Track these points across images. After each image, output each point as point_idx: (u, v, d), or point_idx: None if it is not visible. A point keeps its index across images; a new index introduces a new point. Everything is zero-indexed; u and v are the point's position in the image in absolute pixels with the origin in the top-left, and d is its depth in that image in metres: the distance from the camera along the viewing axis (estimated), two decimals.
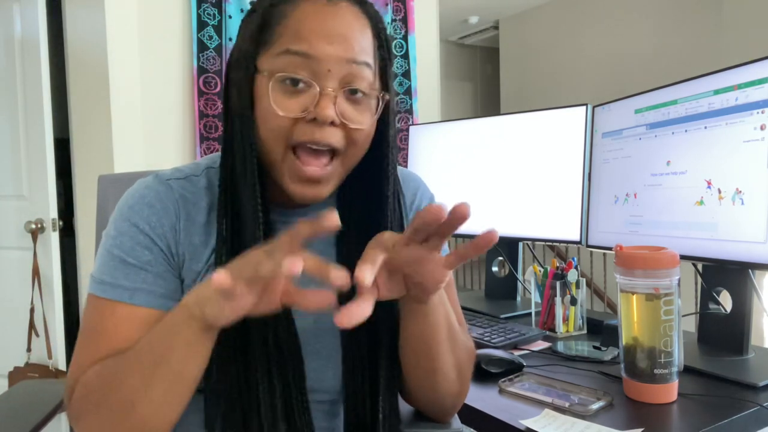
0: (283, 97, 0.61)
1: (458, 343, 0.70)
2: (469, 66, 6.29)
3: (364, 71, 0.63)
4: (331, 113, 0.60)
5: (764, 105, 0.93)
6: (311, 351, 0.68)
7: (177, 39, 2.23)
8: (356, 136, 0.63)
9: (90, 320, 0.65)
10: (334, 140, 0.62)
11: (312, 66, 0.60)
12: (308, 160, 0.62)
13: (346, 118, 0.62)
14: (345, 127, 0.62)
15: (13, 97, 2.30)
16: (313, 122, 0.61)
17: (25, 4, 2.25)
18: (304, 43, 0.60)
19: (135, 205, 0.67)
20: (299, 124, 0.61)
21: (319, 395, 0.69)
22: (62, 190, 2.46)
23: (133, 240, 0.65)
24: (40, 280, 2.25)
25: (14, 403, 0.99)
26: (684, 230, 1.06)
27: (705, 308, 1.08)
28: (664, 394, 0.85)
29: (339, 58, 0.61)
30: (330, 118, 0.60)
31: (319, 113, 0.60)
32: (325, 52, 0.60)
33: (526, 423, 0.79)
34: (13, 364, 2.29)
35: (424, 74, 2.80)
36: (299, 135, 0.61)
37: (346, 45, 0.61)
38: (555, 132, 1.37)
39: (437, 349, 0.67)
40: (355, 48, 0.62)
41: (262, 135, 0.63)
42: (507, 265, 1.56)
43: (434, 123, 1.72)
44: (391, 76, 0.69)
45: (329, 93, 0.60)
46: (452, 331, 0.69)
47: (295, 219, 0.71)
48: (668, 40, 4.14)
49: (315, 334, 0.69)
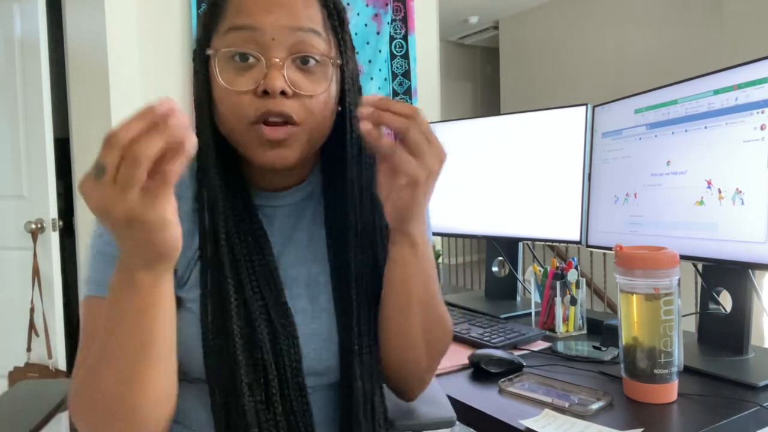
0: (235, 75, 0.62)
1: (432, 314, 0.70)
2: (469, 66, 6.29)
3: (313, 39, 0.62)
4: (280, 83, 0.60)
5: (764, 105, 0.93)
6: (308, 332, 0.67)
7: (177, 39, 2.23)
8: (311, 105, 0.63)
9: (86, 321, 0.64)
10: (289, 110, 0.61)
11: (256, 38, 0.61)
12: (269, 130, 0.62)
13: (298, 87, 0.62)
14: (299, 96, 0.62)
15: (13, 97, 2.30)
16: (265, 95, 0.60)
17: (25, 4, 2.25)
18: (246, 17, 0.61)
19: None
20: (253, 98, 0.61)
21: (319, 378, 0.68)
22: (62, 190, 2.46)
23: None
24: (40, 280, 2.25)
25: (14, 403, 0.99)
26: (684, 230, 1.06)
27: (705, 308, 1.08)
28: (664, 394, 0.85)
29: (282, 26, 0.61)
30: (279, 88, 0.60)
31: (268, 84, 0.60)
32: (267, 21, 0.60)
33: (526, 423, 0.79)
34: (13, 364, 2.29)
35: (424, 74, 2.80)
36: (254, 109, 0.61)
37: (288, 13, 0.61)
38: (555, 132, 1.37)
39: (409, 308, 0.68)
40: (298, 15, 0.62)
41: (222, 116, 0.64)
42: (507, 265, 1.56)
43: (434, 123, 1.72)
44: (349, 47, 0.68)
45: (276, 63, 0.60)
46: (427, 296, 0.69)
47: (278, 202, 0.72)
48: (668, 40, 4.14)
49: (312, 315, 0.68)
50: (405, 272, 0.67)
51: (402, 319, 0.69)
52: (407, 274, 0.67)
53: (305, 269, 0.70)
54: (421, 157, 0.59)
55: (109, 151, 0.45)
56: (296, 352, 0.65)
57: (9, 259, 2.35)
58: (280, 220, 0.72)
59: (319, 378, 0.68)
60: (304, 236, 0.72)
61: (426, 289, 0.69)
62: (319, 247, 0.71)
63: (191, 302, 0.65)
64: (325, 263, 0.70)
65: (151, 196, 0.46)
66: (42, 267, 2.25)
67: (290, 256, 0.70)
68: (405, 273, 0.67)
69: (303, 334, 0.66)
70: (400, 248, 0.66)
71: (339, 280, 0.69)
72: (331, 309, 0.68)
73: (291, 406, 0.63)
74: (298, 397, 0.64)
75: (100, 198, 0.45)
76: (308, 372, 0.66)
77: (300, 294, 0.68)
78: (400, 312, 0.68)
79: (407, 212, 0.63)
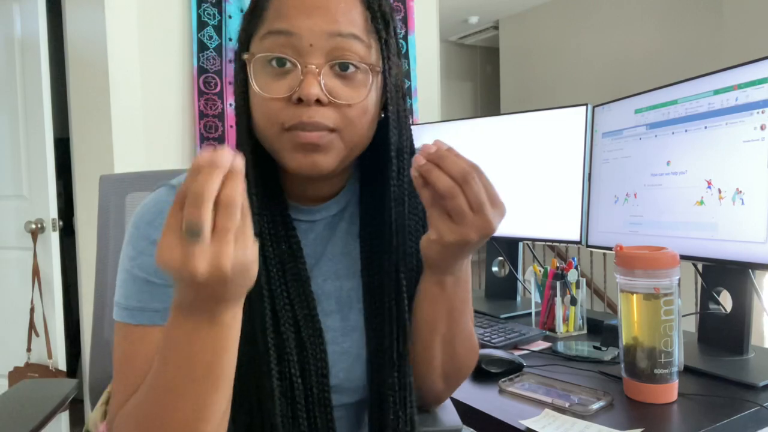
0: (270, 80, 0.59)
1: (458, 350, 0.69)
2: (469, 66, 6.29)
3: (353, 44, 0.59)
4: (315, 91, 0.56)
5: (764, 105, 0.93)
6: (339, 350, 0.66)
7: (177, 39, 2.23)
8: (350, 113, 0.59)
9: (123, 350, 0.60)
10: (324, 120, 0.58)
11: (294, 43, 0.58)
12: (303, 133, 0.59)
13: (335, 95, 0.58)
14: (337, 105, 0.58)
15: (13, 97, 2.30)
16: (300, 103, 0.57)
17: (25, 4, 2.25)
18: (284, 21, 0.58)
19: (153, 220, 0.62)
20: (288, 105, 0.58)
21: (347, 396, 0.67)
22: (62, 190, 2.46)
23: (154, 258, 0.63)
24: (40, 280, 2.25)
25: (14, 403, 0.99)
26: (684, 230, 1.06)
27: (705, 308, 1.08)
28: (664, 394, 0.85)
29: (321, 31, 0.57)
30: (314, 96, 0.56)
31: (303, 91, 0.56)
32: (305, 26, 0.57)
33: (526, 423, 0.79)
34: (13, 364, 2.29)
35: (424, 74, 2.80)
36: (289, 118, 0.58)
37: (328, 17, 0.58)
38: (555, 132, 1.37)
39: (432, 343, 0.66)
40: (338, 20, 0.58)
41: (256, 122, 0.61)
42: (507, 265, 1.56)
43: (434, 123, 1.72)
44: (393, 50, 0.64)
45: (312, 70, 0.57)
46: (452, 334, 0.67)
47: (313, 216, 0.69)
48: (668, 40, 4.14)
49: (343, 333, 0.67)
50: (431, 308, 0.65)
51: (423, 350, 0.67)
52: (433, 311, 0.65)
53: (338, 284, 0.68)
54: (459, 223, 0.56)
55: (197, 208, 0.41)
56: (324, 367, 0.63)
57: (9, 259, 2.35)
58: (315, 233, 0.69)
59: (346, 395, 0.67)
60: (338, 250, 0.69)
61: (451, 327, 0.66)
62: (353, 261, 0.69)
63: None
64: (358, 279, 0.68)
65: (242, 237, 0.44)
66: (42, 267, 2.25)
67: (323, 270, 0.68)
68: (431, 308, 0.65)
69: (333, 352, 0.65)
70: (428, 283, 0.64)
71: (372, 297, 0.67)
72: (362, 327, 0.67)
73: (315, 422, 0.62)
74: (323, 413, 0.62)
75: (200, 260, 0.42)
76: (336, 390, 0.65)
77: (332, 310, 0.67)
78: (423, 345, 0.67)
79: (433, 261, 0.61)
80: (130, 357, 0.60)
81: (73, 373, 2.68)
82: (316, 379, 0.62)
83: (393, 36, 0.64)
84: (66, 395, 1.01)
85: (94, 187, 1.10)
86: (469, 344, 0.70)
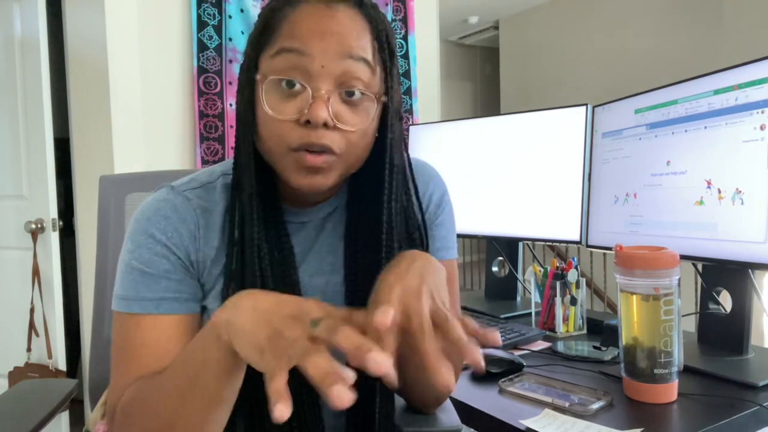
0: (280, 100, 0.61)
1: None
2: (469, 66, 6.29)
3: (361, 69, 0.62)
4: (324, 115, 0.59)
5: (764, 105, 0.93)
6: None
7: (177, 39, 2.23)
8: (352, 138, 0.63)
9: (120, 338, 0.65)
10: (329, 142, 0.61)
11: (305, 64, 0.60)
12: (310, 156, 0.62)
13: (341, 120, 0.61)
14: (340, 129, 0.62)
15: (13, 97, 2.29)
16: (307, 125, 0.60)
17: (25, 4, 2.25)
18: (297, 41, 0.60)
19: (152, 217, 0.67)
20: (295, 127, 0.61)
21: None
22: (62, 190, 2.46)
23: (151, 251, 0.65)
24: (40, 280, 2.25)
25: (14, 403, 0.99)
26: (684, 230, 1.06)
27: (705, 308, 1.08)
28: (664, 394, 0.85)
29: (333, 53, 0.60)
30: (322, 120, 0.59)
31: (312, 115, 0.59)
32: (318, 47, 0.60)
33: (526, 423, 0.79)
34: (13, 364, 2.29)
35: (424, 74, 2.80)
36: (296, 138, 0.61)
37: (340, 40, 0.60)
38: (555, 132, 1.37)
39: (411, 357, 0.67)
40: (350, 44, 0.61)
41: (263, 139, 0.64)
42: (507, 265, 1.56)
43: (434, 123, 1.72)
44: (396, 80, 0.67)
45: (322, 95, 0.60)
46: None
47: (304, 218, 0.72)
48: (668, 40, 4.14)
49: None
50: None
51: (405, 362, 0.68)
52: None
53: (324, 279, 0.71)
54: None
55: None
56: None
57: (9, 259, 2.35)
58: (305, 232, 0.73)
59: None
60: (324, 248, 0.73)
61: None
62: (338, 258, 0.72)
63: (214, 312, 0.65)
64: (342, 275, 0.71)
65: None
66: (42, 267, 2.25)
67: (310, 266, 0.71)
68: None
69: None
70: None
71: (354, 294, 0.69)
72: None
73: (304, 418, 0.64)
74: (312, 409, 0.65)
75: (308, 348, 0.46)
76: None
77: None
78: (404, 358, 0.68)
79: None
80: (126, 345, 0.64)
81: (73, 373, 2.68)
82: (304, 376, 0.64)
83: (396, 67, 0.68)
84: (66, 395, 1.01)
85: (94, 187, 1.10)
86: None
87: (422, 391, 0.74)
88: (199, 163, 2.25)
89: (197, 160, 2.25)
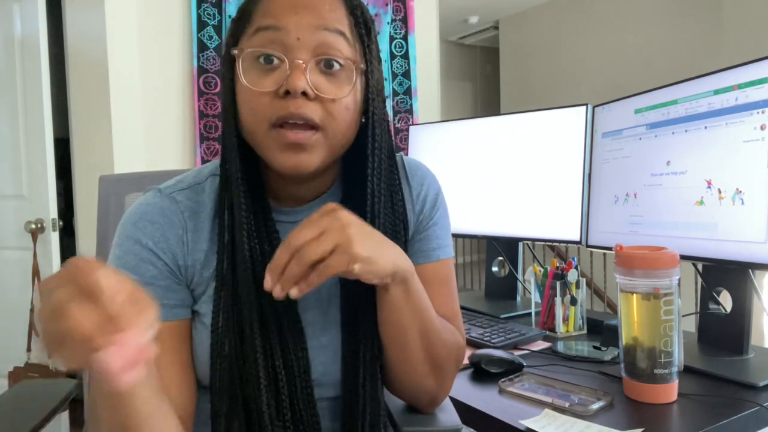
0: (258, 76, 0.61)
1: (435, 340, 0.69)
2: (469, 66, 6.29)
3: (338, 40, 0.62)
4: (302, 83, 0.59)
5: (764, 105, 0.93)
6: (318, 345, 0.68)
7: (177, 39, 2.23)
8: (334, 108, 0.62)
9: None
10: (310, 113, 0.60)
11: (282, 38, 0.60)
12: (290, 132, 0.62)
13: (320, 90, 0.61)
14: (321, 100, 0.61)
15: (13, 97, 2.29)
16: (287, 96, 0.60)
17: (25, 4, 2.25)
18: (272, 18, 0.61)
19: (138, 221, 0.66)
20: (276, 100, 0.60)
21: (327, 390, 0.69)
22: (62, 190, 2.46)
23: (138, 257, 0.65)
24: (40, 280, 2.25)
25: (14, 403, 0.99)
26: (684, 230, 1.06)
27: (705, 308, 1.08)
28: (664, 394, 0.85)
29: (308, 25, 0.60)
30: (300, 88, 0.59)
31: (290, 84, 0.59)
32: (293, 21, 0.60)
33: (526, 423, 0.79)
34: (13, 364, 2.29)
35: (424, 74, 2.80)
36: (275, 111, 0.60)
37: (314, 12, 0.61)
38: (555, 132, 1.37)
39: (406, 340, 0.67)
40: (325, 16, 0.61)
41: (243, 118, 0.63)
42: (507, 265, 1.56)
43: (434, 123, 1.72)
44: (375, 56, 0.67)
45: (299, 64, 0.60)
46: (426, 326, 0.68)
47: (297, 217, 0.70)
48: (668, 40, 4.14)
49: (322, 328, 0.69)
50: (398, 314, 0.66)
51: (400, 350, 0.68)
52: (401, 315, 0.66)
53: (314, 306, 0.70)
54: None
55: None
56: (306, 363, 0.65)
57: (9, 259, 2.35)
58: None
59: (327, 389, 0.69)
60: None
61: (422, 320, 0.68)
62: None
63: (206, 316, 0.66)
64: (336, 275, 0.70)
65: None
66: (42, 267, 2.25)
67: None
68: (398, 314, 0.66)
69: (312, 346, 0.67)
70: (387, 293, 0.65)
71: (348, 293, 0.69)
72: (340, 322, 0.69)
73: (300, 416, 0.64)
74: (307, 407, 0.65)
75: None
76: (317, 383, 0.67)
77: (311, 306, 0.69)
78: (399, 345, 0.68)
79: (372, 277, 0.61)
80: None
81: (73, 373, 2.68)
82: (299, 374, 0.65)
83: (374, 43, 0.67)
84: (66, 395, 1.01)
85: (94, 187, 1.10)
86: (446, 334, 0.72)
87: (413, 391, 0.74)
88: (199, 163, 2.25)
89: (197, 160, 2.25)
